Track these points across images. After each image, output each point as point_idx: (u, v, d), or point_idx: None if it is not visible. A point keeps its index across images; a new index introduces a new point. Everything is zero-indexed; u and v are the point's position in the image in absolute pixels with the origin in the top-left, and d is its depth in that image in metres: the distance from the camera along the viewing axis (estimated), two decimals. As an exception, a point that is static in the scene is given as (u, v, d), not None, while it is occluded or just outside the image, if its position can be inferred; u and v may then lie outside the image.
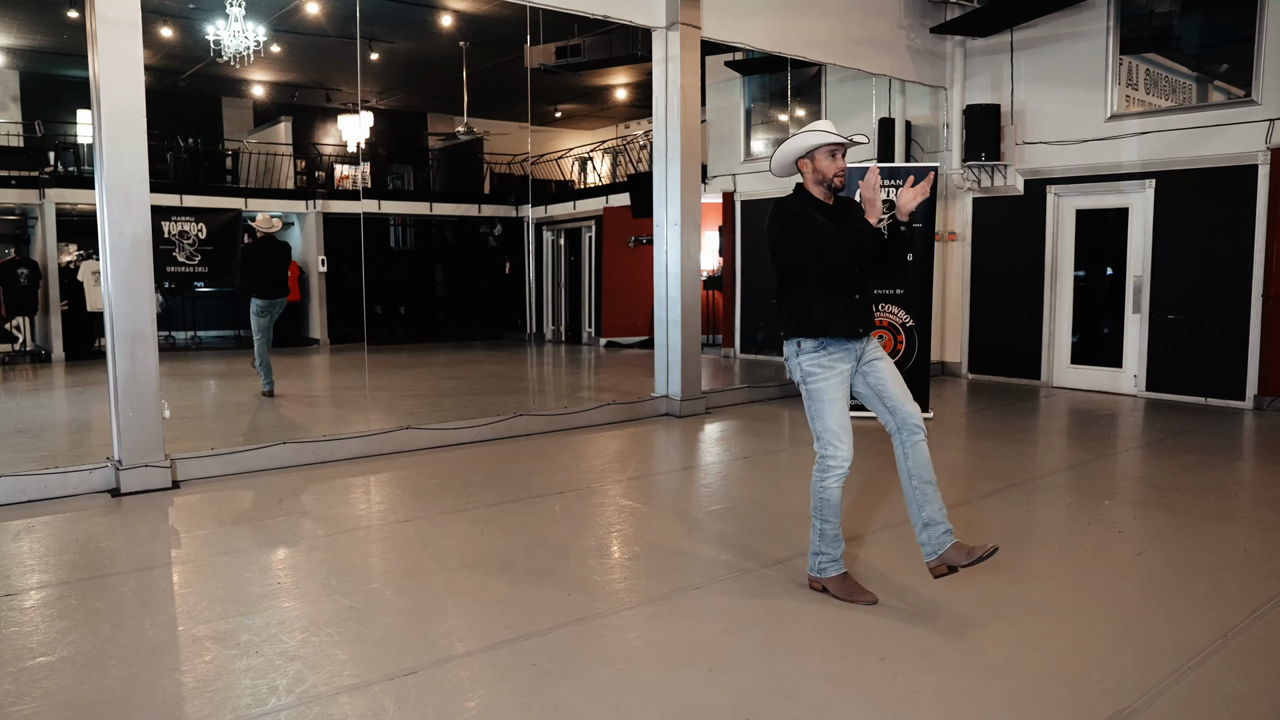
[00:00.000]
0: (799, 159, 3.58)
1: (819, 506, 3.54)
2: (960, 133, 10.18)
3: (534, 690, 2.85)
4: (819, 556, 3.59)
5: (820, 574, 3.60)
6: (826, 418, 3.48)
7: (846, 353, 3.49)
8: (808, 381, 3.51)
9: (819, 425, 3.50)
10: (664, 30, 7.87)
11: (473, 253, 17.82)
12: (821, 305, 3.48)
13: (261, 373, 8.79)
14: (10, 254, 13.28)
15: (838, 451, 3.46)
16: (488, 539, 4.43)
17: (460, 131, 17.29)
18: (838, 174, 3.53)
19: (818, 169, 3.54)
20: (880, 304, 7.93)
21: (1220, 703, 2.77)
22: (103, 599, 3.65)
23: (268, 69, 15.52)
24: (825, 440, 3.48)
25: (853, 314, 3.49)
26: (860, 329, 3.50)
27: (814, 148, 3.54)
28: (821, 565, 3.59)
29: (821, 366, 3.47)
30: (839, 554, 3.59)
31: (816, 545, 3.59)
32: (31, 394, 9.86)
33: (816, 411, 3.50)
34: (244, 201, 14.72)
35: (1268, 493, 5.44)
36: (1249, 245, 8.32)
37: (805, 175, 3.60)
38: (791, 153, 3.58)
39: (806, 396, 3.54)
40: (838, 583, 3.57)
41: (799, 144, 3.56)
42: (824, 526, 3.54)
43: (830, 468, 3.48)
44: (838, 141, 3.51)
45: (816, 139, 3.53)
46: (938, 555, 3.43)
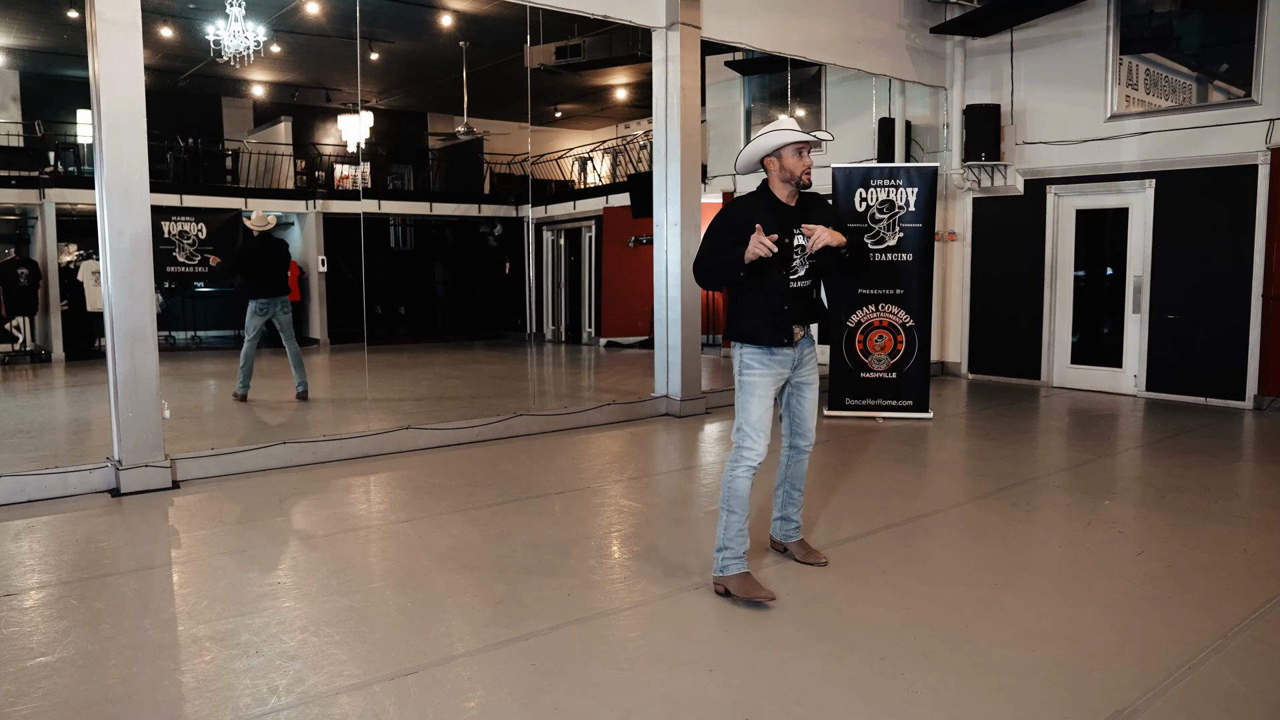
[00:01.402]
0: (765, 157, 3.59)
1: (728, 497, 3.61)
2: (960, 133, 10.18)
3: (534, 690, 2.85)
4: (724, 553, 3.60)
5: (723, 573, 3.60)
6: (751, 411, 3.58)
7: (787, 357, 3.63)
8: (744, 373, 3.60)
9: (743, 417, 3.60)
10: (664, 30, 7.87)
11: (473, 253, 17.82)
12: (753, 314, 3.58)
13: (241, 375, 8.53)
14: (10, 254, 13.29)
15: (754, 445, 3.57)
16: (488, 539, 4.43)
17: (460, 131, 17.29)
18: (805, 171, 3.56)
19: (785, 167, 3.56)
20: (880, 304, 7.93)
21: (1220, 703, 2.77)
22: (103, 599, 3.65)
23: (268, 69, 15.51)
24: (745, 433, 3.58)
25: (779, 325, 3.56)
26: (785, 339, 3.58)
27: (781, 146, 3.54)
28: (725, 562, 3.60)
29: (761, 364, 3.59)
30: (743, 551, 3.61)
31: (722, 539, 3.61)
32: (31, 394, 9.86)
33: (744, 403, 3.60)
34: (244, 201, 14.72)
35: (1268, 493, 5.44)
36: (1249, 245, 8.32)
37: (771, 173, 3.62)
38: (758, 151, 3.59)
39: (739, 387, 3.63)
40: (738, 581, 3.57)
41: (766, 143, 3.56)
42: (731, 519, 3.59)
43: (743, 459, 3.58)
44: (805, 139, 3.52)
45: (784, 137, 3.53)
46: (783, 541, 4.03)
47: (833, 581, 3.82)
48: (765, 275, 3.54)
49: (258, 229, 8.51)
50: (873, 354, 7.98)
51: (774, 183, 3.61)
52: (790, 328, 3.59)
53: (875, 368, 7.99)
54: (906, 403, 7.95)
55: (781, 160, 3.56)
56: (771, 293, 3.57)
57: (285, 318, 8.57)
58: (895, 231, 7.86)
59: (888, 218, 7.86)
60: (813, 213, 3.64)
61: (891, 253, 7.89)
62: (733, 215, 3.58)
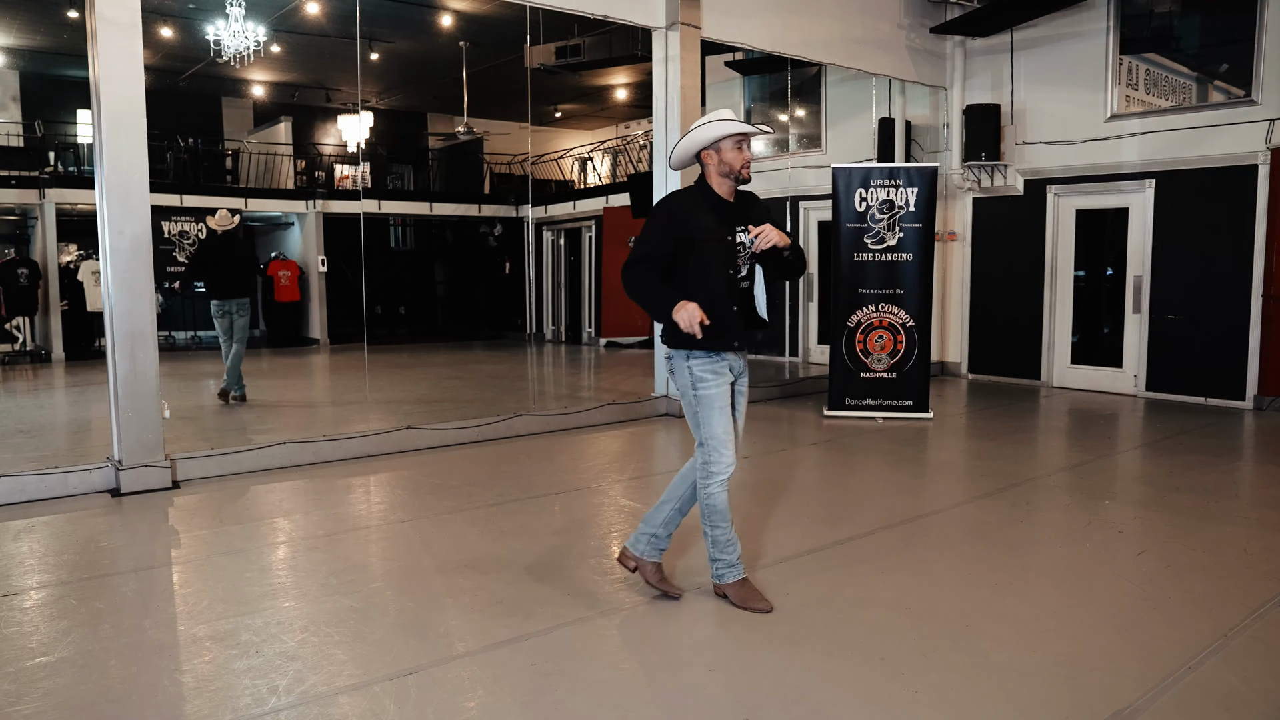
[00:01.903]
0: (702, 150, 3.38)
1: (707, 514, 3.45)
2: (960, 133, 10.18)
3: (534, 690, 2.85)
4: (717, 563, 3.51)
5: (720, 580, 3.51)
6: (714, 425, 3.38)
7: (730, 363, 3.45)
8: (698, 387, 3.38)
9: (705, 432, 3.39)
10: (664, 30, 7.87)
11: (473, 253, 17.82)
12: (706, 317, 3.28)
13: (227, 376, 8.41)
14: (10, 254, 13.29)
15: (722, 458, 3.38)
16: (488, 539, 4.43)
17: (460, 131, 17.29)
18: (744, 165, 3.36)
19: (724, 160, 3.35)
20: (880, 304, 7.93)
21: (1220, 703, 2.77)
22: (103, 599, 3.65)
23: (268, 69, 15.52)
24: (711, 447, 3.39)
25: (729, 328, 3.35)
26: (736, 342, 3.39)
27: (719, 138, 3.33)
28: (720, 571, 3.50)
29: (714, 373, 3.38)
30: (736, 558, 3.50)
31: (712, 553, 3.50)
32: (31, 394, 9.86)
33: (705, 418, 3.39)
34: (244, 201, 14.73)
35: (1268, 493, 5.44)
36: (1249, 245, 8.32)
37: (709, 168, 3.39)
38: (695, 144, 3.38)
39: (695, 402, 3.41)
40: (736, 589, 3.48)
41: (704, 134, 3.34)
42: (715, 533, 3.47)
43: (714, 474, 3.39)
44: (745, 130, 3.33)
45: (723, 129, 3.33)
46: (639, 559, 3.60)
47: (833, 581, 3.82)
48: (710, 277, 3.33)
49: (220, 228, 8.32)
50: (873, 354, 7.98)
51: (712, 177, 3.40)
52: (740, 330, 3.40)
53: (875, 368, 7.99)
54: (906, 403, 7.95)
55: (720, 154, 3.35)
56: (719, 295, 3.34)
57: (241, 320, 8.30)
58: (895, 231, 7.86)
59: (888, 218, 7.86)
60: (751, 211, 3.47)
61: (891, 253, 7.89)
62: (670, 211, 3.37)
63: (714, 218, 3.35)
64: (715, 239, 3.32)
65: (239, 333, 8.34)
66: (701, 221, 3.32)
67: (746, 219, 3.40)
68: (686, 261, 3.32)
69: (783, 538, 4.43)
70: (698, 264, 3.31)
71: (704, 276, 3.33)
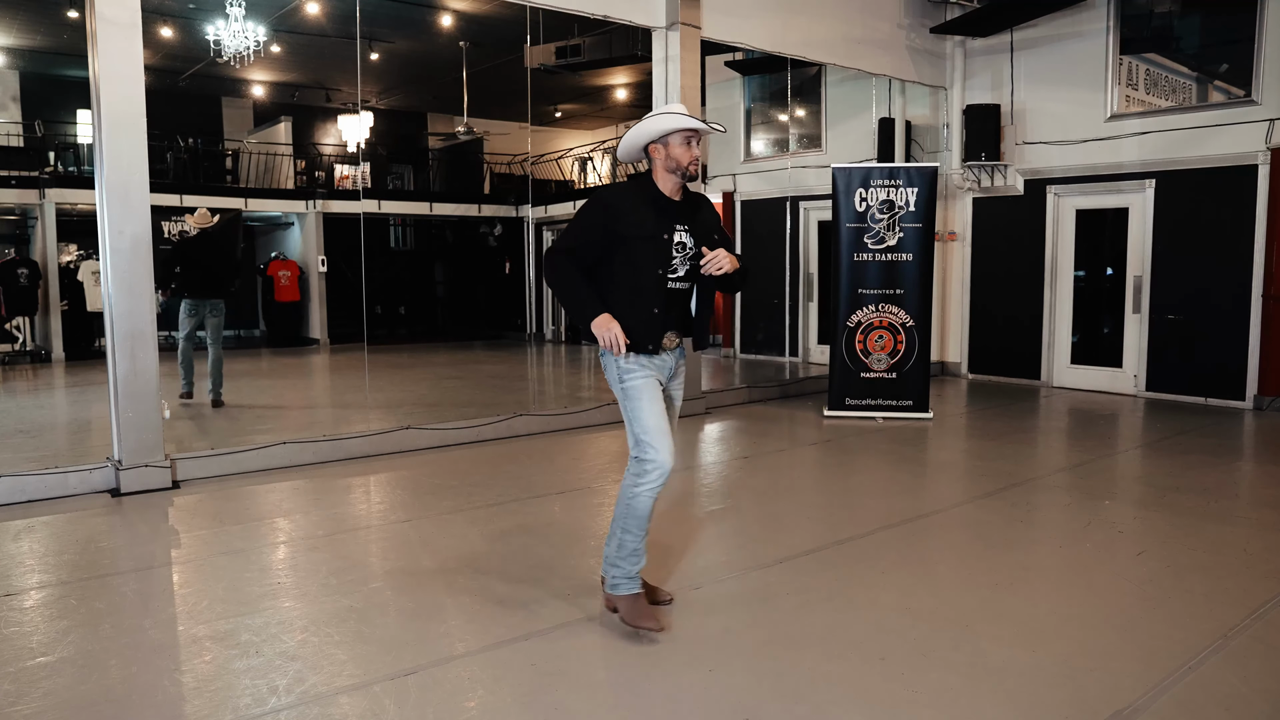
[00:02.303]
0: (650, 143, 3.23)
1: (624, 515, 3.22)
2: (960, 133, 10.18)
3: (534, 690, 2.85)
4: (615, 570, 3.26)
5: (613, 591, 3.27)
6: (645, 417, 3.17)
7: (664, 362, 3.28)
8: (624, 379, 3.20)
9: (637, 426, 3.19)
10: (664, 30, 7.87)
11: (473, 253, 17.82)
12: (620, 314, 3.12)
13: (182, 371, 8.24)
14: (10, 254, 13.28)
15: (657, 455, 3.15)
16: (488, 539, 4.43)
17: (460, 131, 17.29)
18: (692, 162, 3.20)
19: (671, 155, 3.19)
20: (880, 304, 7.93)
21: (1220, 703, 2.77)
22: (103, 599, 3.65)
23: (268, 69, 15.51)
24: (644, 443, 3.16)
25: (649, 330, 3.17)
26: (652, 345, 3.18)
27: (669, 131, 3.18)
28: (615, 581, 3.26)
29: (640, 364, 3.21)
30: (636, 571, 3.26)
31: (613, 558, 3.26)
32: (31, 394, 9.86)
33: (635, 412, 3.19)
34: (244, 201, 14.73)
35: (1268, 493, 5.44)
36: (1249, 245, 8.32)
37: (655, 162, 3.23)
38: (643, 136, 3.23)
39: (623, 396, 3.23)
40: (628, 604, 3.23)
41: (653, 127, 3.20)
42: (625, 538, 3.23)
43: (647, 472, 3.16)
44: (695, 126, 3.19)
45: (673, 122, 3.18)
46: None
47: (833, 581, 3.82)
48: (638, 276, 3.16)
49: (196, 227, 8.18)
50: (873, 354, 7.98)
51: (657, 173, 3.23)
52: (661, 334, 3.20)
53: (875, 368, 7.99)
54: (906, 403, 7.95)
55: (668, 148, 3.19)
56: (643, 292, 3.16)
57: (215, 320, 8.15)
58: (895, 231, 7.86)
59: (888, 218, 7.86)
60: (699, 214, 3.31)
61: (891, 253, 7.89)
62: (605, 203, 3.21)
63: (652, 214, 3.18)
64: (650, 236, 3.16)
65: (214, 333, 8.19)
66: (637, 217, 3.16)
67: (692, 221, 3.26)
68: (613, 258, 3.16)
69: (783, 538, 4.43)
70: (625, 261, 3.15)
71: (631, 275, 3.16)
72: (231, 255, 8.19)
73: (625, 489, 3.24)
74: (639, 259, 3.16)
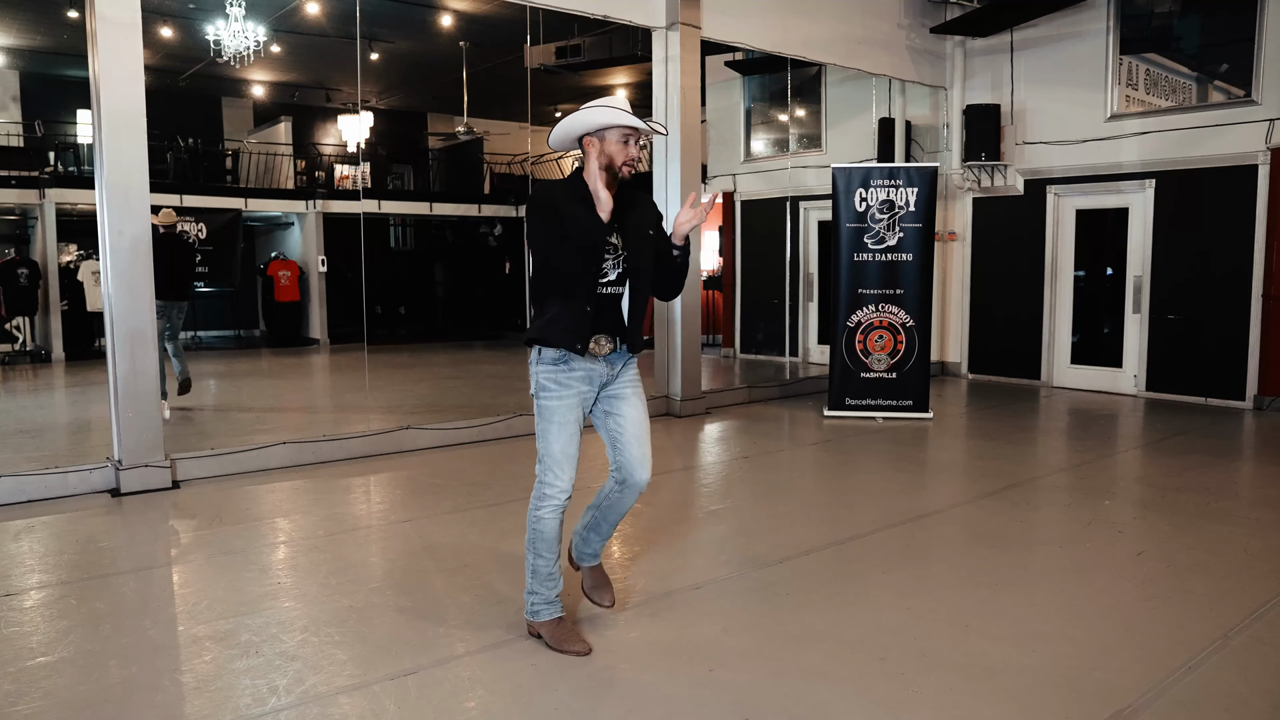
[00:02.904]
0: (585, 135, 3.01)
1: (533, 539, 3.10)
2: (960, 133, 10.18)
3: (534, 690, 2.85)
4: (533, 597, 3.14)
5: (534, 618, 3.15)
6: (551, 441, 3.03)
7: (587, 373, 3.03)
8: (539, 396, 3.04)
9: (541, 447, 3.05)
10: (664, 30, 7.87)
11: (473, 253, 17.82)
12: (550, 311, 2.99)
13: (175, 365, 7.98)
14: (10, 254, 13.28)
15: (557, 480, 3.05)
16: (488, 539, 4.43)
17: (460, 131, 17.29)
18: (628, 163, 3.02)
19: (605, 152, 2.98)
20: (880, 304, 7.93)
21: (1220, 703, 2.77)
22: (103, 599, 3.65)
23: (268, 69, 15.51)
24: (545, 466, 3.05)
25: (579, 327, 2.96)
26: (580, 345, 2.97)
27: (605, 126, 2.98)
28: (535, 607, 3.14)
29: (558, 383, 3.01)
30: (554, 595, 3.14)
31: (530, 584, 3.14)
32: (31, 394, 9.86)
33: (542, 433, 3.05)
34: (244, 201, 14.73)
35: (1268, 493, 5.44)
36: (1249, 245, 8.32)
37: (589, 156, 2.99)
38: (577, 127, 3.00)
39: (536, 412, 3.07)
40: (550, 629, 3.12)
41: (589, 119, 2.98)
42: (537, 562, 3.11)
43: (547, 496, 3.05)
44: (634, 124, 2.98)
45: (609, 116, 2.96)
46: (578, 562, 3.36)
47: (833, 581, 3.82)
48: (569, 275, 2.97)
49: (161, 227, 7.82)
50: (873, 354, 7.98)
51: (590, 168, 2.97)
52: (589, 335, 2.98)
53: (875, 368, 7.99)
54: (906, 403, 7.95)
55: (603, 143, 2.98)
56: (574, 294, 2.97)
57: (181, 319, 7.91)
58: (895, 231, 7.86)
59: (888, 218, 7.86)
60: (632, 213, 3.07)
61: (891, 253, 7.89)
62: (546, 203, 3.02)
63: (582, 211, 2.93)
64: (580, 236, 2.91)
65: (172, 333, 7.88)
66: (569, 214, 2.94)
67: (623, 220, 3.03)
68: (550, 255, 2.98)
69: (783, 538, 4.43)
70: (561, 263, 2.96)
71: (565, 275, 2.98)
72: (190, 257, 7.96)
73: (530, 513, 3.11)
74: (569, 258, 2.93)
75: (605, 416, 3.15)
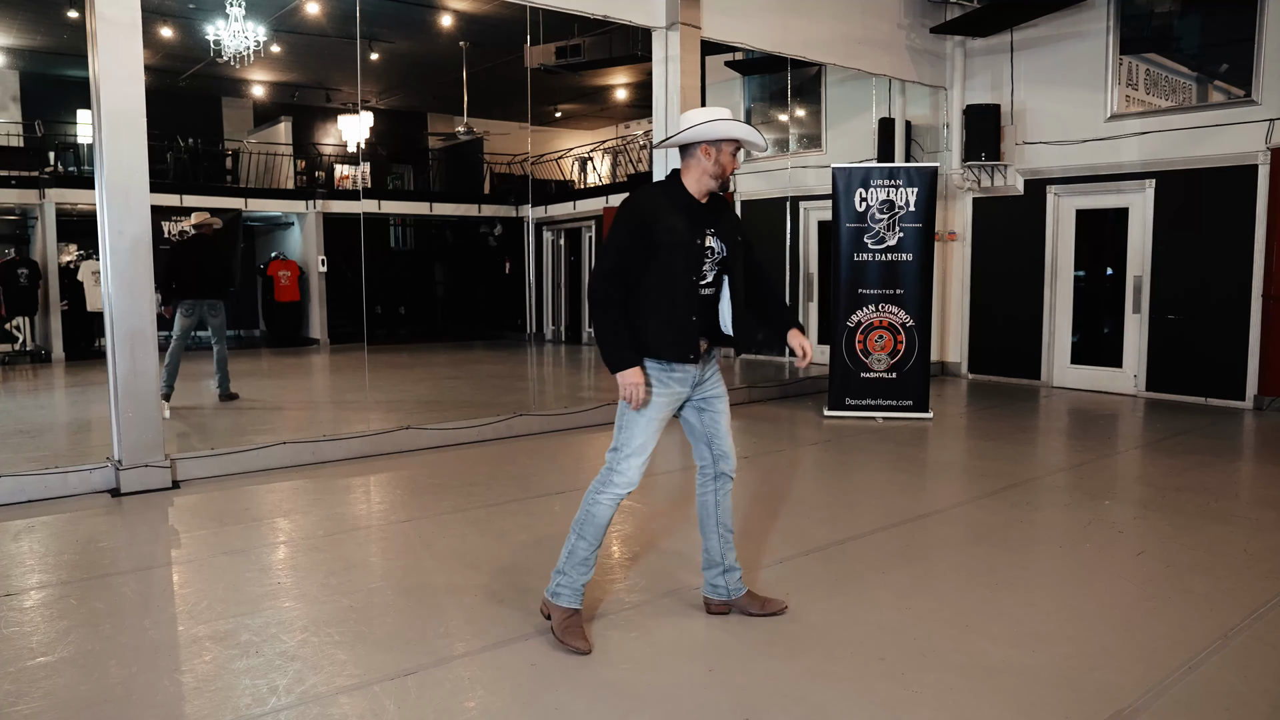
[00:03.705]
0: (705, 143, 3.11)
1: (584, 521, 3.16)
2: (960, 133, 10.18)
3: (534, 690, 2.85)
4: (561, 578, 3.18)
5: (553, 598, 3.18)
6: (636, 434, 3.12)
7: (685, 374, 3.15)
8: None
9: (624, 437, 3.14)
10: (664, 30, 7.87)
11: (473, 253, 17.82)
12: (654, 324, 3.08)
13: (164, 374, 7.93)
14: (10, 254, 13.29)
15: (629, 471, 3.13)
16: (488, 539, 4.43)
17: (460, 131, 17.29)
18: (733, 173, 3.17)
19: (719, 162, 3.11)
20: (880, 304, 7.94)
21: (1220, 703, 2.77)
22: (103, 599, 3.65)
23: (268, 69, 15.52)
24: (622, 454, 3.13)
25: (686, 339, 3.09)
26: (691, 354, 3.10)
27: (735, 139, 3.12)
28: (559, 588, 3.17)
29: (659, 381, 3.11)
30: (581, 585, 3.17)
31: (563, 564, 3.18)
32: (31, 394, 9.86)
33: (630, 426, 3.13)
34: (244, 201, 14.73)
35: (1268, 493, 5.44)
36: (1249, 245, 8.32)
37: (700, 163, 3.12)
38: (703, 134, 3.09)
39: (624, 405, 3.15)
40: (562, 616, 3.15)
41: (723, 129, 3.08)
42: (579, 545, 3.16)
43: (613, 484, 3.13)
44: (761, 144, 3.17)
45: (740, 131, 3.11)
46: (729, 599, 3.41)
47: (833, 582, 3.82)
48: (673, 283, 3.07)
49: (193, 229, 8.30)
50: (873, 354, 7.98)
51: (695, 175, 3.12)
52: (697, 341, 3.12)
53: (875, 368, 7.99)
54: (906, 403, 7.95)
55: (719, 153, 3.11)
56: (678, 302, 3.07)
57: (215, 321, 8.23)
58: (895, 231, 7.87)
59: (888, 218, 7.86)
60: (724, 217, 3.22)
61: (891, 253, 7.89)
62: (642, 211, 3.10)
63: (683, 220, 3.09)
64: (682, 243, 3.07)
65: (216, 332, 8.30)
66: (670, 223, 3.07)
67: (717, 224, 3.17)
68: (648, 265, 3.06)
69: (783, 538, 4.43)
70: (660, 269, 3.06)
71: (667, 282, 3.07)
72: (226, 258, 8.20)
73: (589, 494, 3.18)
74: (673, 266, 3.06)
75: (699, 413, 3.28)
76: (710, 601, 3.45)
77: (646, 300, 3.08)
